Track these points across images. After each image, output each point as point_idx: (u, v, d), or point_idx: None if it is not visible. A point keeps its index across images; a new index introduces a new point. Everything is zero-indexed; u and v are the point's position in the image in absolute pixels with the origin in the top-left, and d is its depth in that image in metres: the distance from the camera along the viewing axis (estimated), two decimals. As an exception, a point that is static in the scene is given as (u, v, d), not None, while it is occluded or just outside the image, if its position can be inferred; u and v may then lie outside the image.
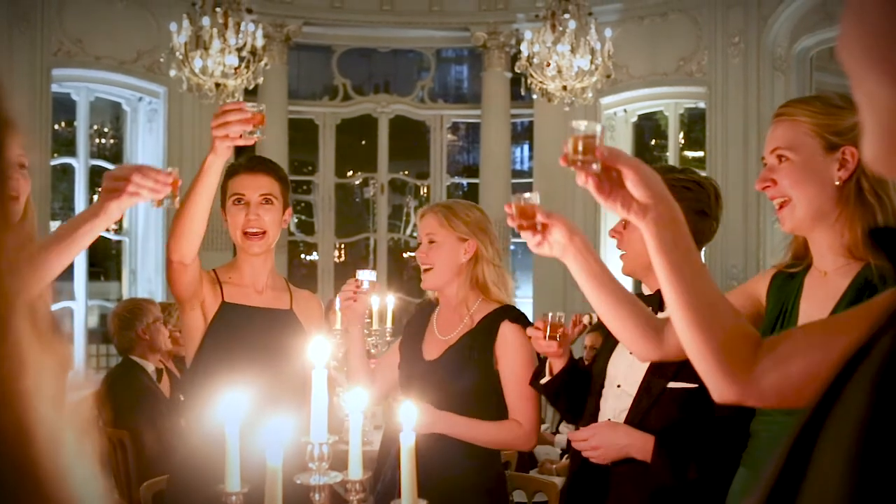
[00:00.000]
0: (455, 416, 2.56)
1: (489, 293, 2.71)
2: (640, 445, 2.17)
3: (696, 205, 2.22)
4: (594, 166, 1.36)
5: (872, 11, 0.56)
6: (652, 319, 1.75)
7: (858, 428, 0.50)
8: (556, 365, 2.47)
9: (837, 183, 1.69)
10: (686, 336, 1.36)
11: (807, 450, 0.54)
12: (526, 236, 1.67)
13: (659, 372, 2.19)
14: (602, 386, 2.34)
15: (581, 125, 1.37)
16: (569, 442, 4.93)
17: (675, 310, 1.37)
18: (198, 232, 2.42)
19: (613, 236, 2.34)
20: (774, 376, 1.30)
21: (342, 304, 2.78)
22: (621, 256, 2.34)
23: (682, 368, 2.12)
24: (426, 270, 2.74)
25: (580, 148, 1.36)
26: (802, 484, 0.53)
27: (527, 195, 1.67)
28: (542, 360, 2.57)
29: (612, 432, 2.21)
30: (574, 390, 2.46)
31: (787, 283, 1.84)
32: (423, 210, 2.84)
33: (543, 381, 2.49)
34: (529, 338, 2.48)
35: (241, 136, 2.21)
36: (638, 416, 2.21)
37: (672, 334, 1.64)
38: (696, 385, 2.07)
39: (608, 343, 2.40)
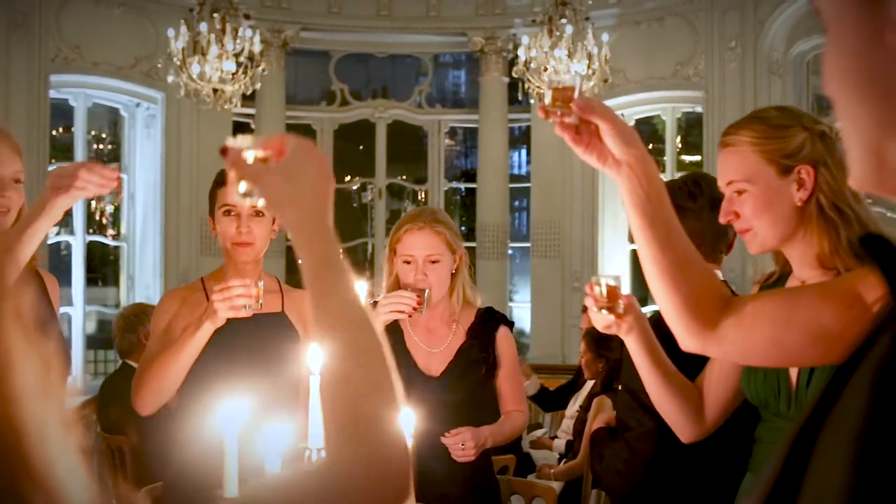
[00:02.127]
0: (490, 426, 2.61)
1: (466, 298, 2.73)
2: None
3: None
4: (571, 118, 1.40)
5: (850, 35, 0.57)
6: (696, 399, 1.87)
7: (858, 428, 0.50)
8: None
9: (799, 204, 1.70)
10: (656, 287, 1.40)
11: (806, 450, 0.54)
12: (604, 317, 1.75)
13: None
14: None
15: (561, 77, 1.42)
16: (567, 446, 4.94)
17: (646, 261, 1.40)
18: (172, 388, 2.41)
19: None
20: (737, 337, 1.36)
21: (389, 309, 2.48)
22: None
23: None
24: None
25: (558, 99, 1.40)
26: (802, 484, 0.53)
27: (611, 279, 1.74)
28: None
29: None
30: None
31: None
32: (412, 226, 2.62)
33: None
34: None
35: (243, 307, 2.35)
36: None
37: (709, 407, 1.85)
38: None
39: None
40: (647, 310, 2.23)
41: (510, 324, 2.80)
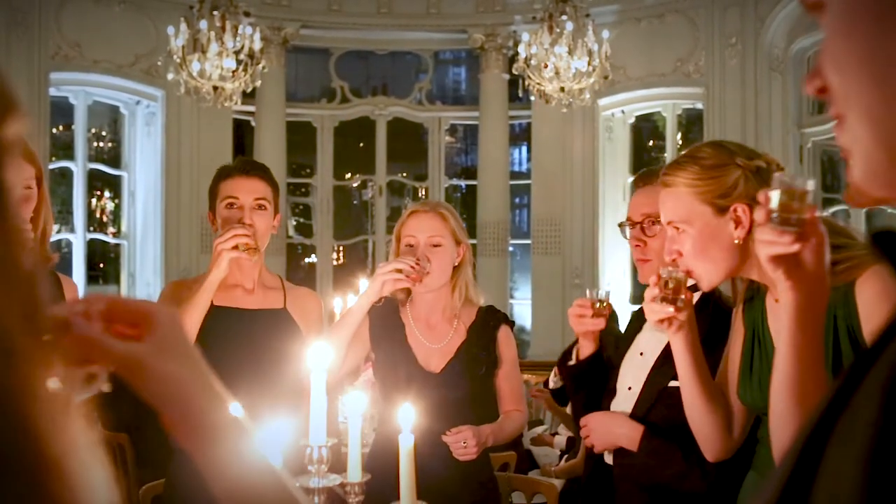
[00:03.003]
0: (491, 425, 2.60)
1: (468, 295, 2.71)
2: (630, 435, 2.19)
3: None
4: (794, 227, 1.33)
5: (863, 21, 0.54)
6: (728, 412, 1.90)
7: (871, 432, 0.49)
8: (586, 349, 2.42)
9: (738, 242, 1.73)
10: (783, 411, 1.44)
11: (817, 453, 0.54)
12: (662, 308, 1.79)
13: (660, 372, 2.20)
14: (615, 388, 2.34)
15: (805, 182, 1.34)
16: (568, 443, 4.93)
17: (781, 388, 1.43)
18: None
19: (636, 245, 2.33)
20: None
21: (387, 269, 2.50)
22: (642, 265, 2.33)
23: None
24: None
25: (795, 205, 1.32)
26: (813, 487, 0.53)
27: (681, 273, 1.78)
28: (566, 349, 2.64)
29: (606, 419, 2.27)
30: (595, 380, 2.40)
31: (753, 307, 1.90)
32: (417, 208, 2.66)
33: (571, 363, 2.47)
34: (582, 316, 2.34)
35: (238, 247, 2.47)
36: (640, 414, 2.22)
37: (736, 419, 1.88)
38: None
39: (621, 347, 2.39)
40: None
41: (511, 323, 2.79)
